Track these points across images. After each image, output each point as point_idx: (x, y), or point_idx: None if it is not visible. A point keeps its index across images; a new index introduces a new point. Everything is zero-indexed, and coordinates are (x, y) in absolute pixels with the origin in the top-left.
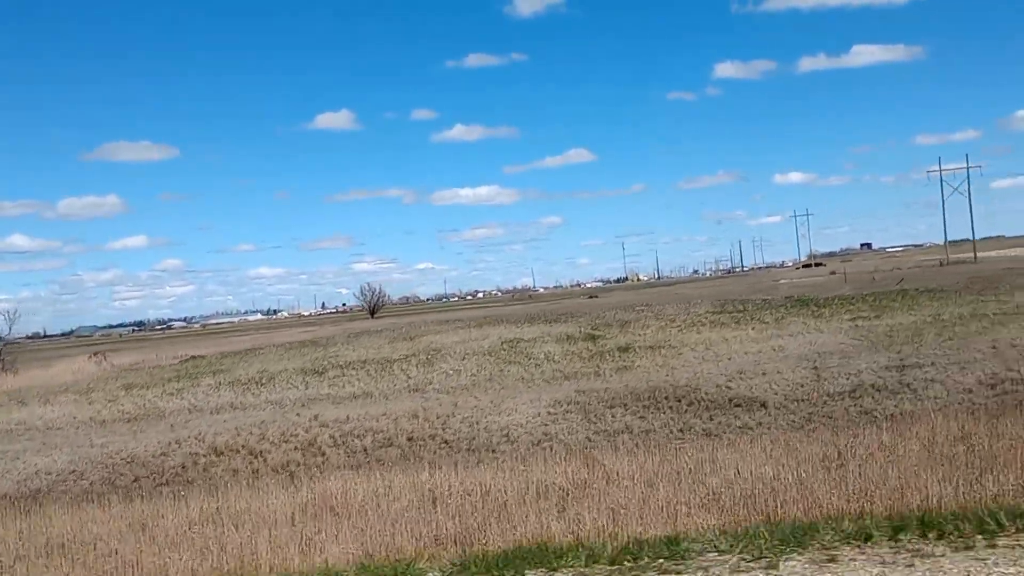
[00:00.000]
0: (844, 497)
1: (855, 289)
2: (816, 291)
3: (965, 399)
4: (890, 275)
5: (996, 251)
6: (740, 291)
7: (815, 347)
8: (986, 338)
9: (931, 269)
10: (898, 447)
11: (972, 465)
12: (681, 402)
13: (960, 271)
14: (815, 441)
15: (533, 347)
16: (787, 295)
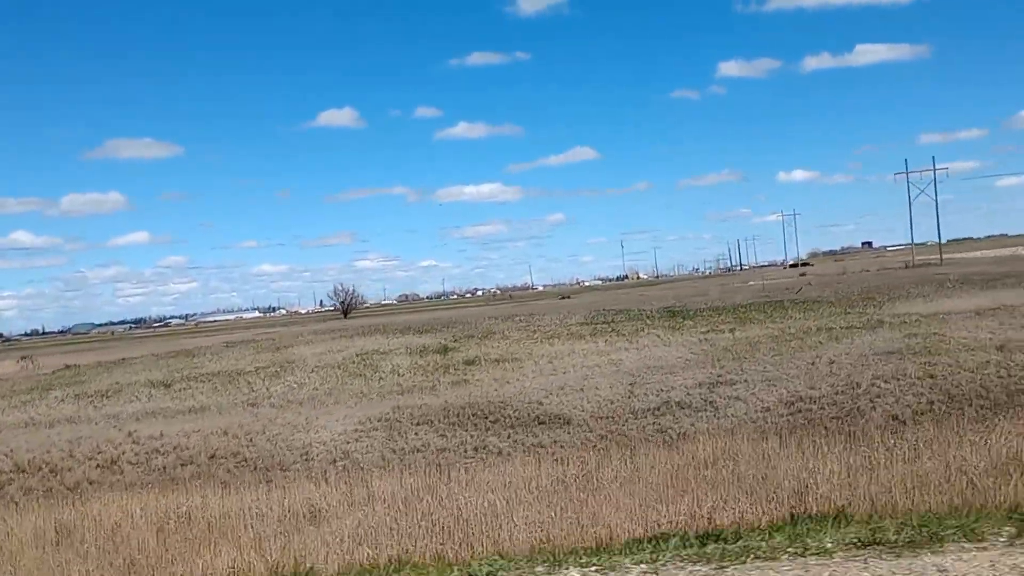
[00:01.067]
0: (578, 525)
1: (786, 294)
2: (754, 295)
3: (761, 418)
4: (850, 278)
5: (981, 251)
6: (687, 295)
7: (650, 361)
8: (812, 353)
9: (879, 273)
10: (647, 470)
11: (697, 490)
12: (487, 419)
13: (901, 275)
14: (577, 461)
15: (384, 360)
16: (665, 306)
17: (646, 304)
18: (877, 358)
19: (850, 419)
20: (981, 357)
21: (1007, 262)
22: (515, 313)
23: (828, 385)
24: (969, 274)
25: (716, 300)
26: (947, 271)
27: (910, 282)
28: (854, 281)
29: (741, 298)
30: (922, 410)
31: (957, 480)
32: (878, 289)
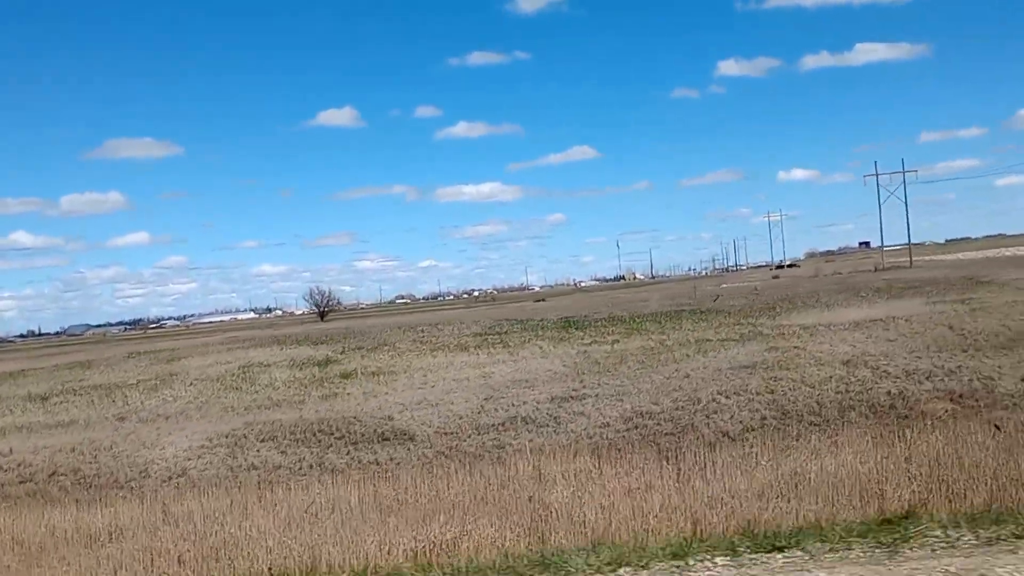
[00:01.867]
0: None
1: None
2: (669, 304)
3: (599, 433)
4: (811, 281)
5: (964, 253)
6: (636, 300)
7: (520, 375)
8: (674, 367)
9: (839, 277)
10: (441, 491)
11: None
12: (332, 436)
13: (852, 280)
14: (387, 480)
15: (264, 373)
16: (559, 316)
17: (604, 309)
18: (731, 372)
19: (683, 435)
20: (826, 372)
21: (972, 266)
22: (420, 323)
23: (671, 400)
24: (915, 280)
25: (651, 307)
26: (900, 276)
27: (834, 290)
28: (803, 286)
29: (656, 306)
30: (753, 426)
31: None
32: (797, 296)
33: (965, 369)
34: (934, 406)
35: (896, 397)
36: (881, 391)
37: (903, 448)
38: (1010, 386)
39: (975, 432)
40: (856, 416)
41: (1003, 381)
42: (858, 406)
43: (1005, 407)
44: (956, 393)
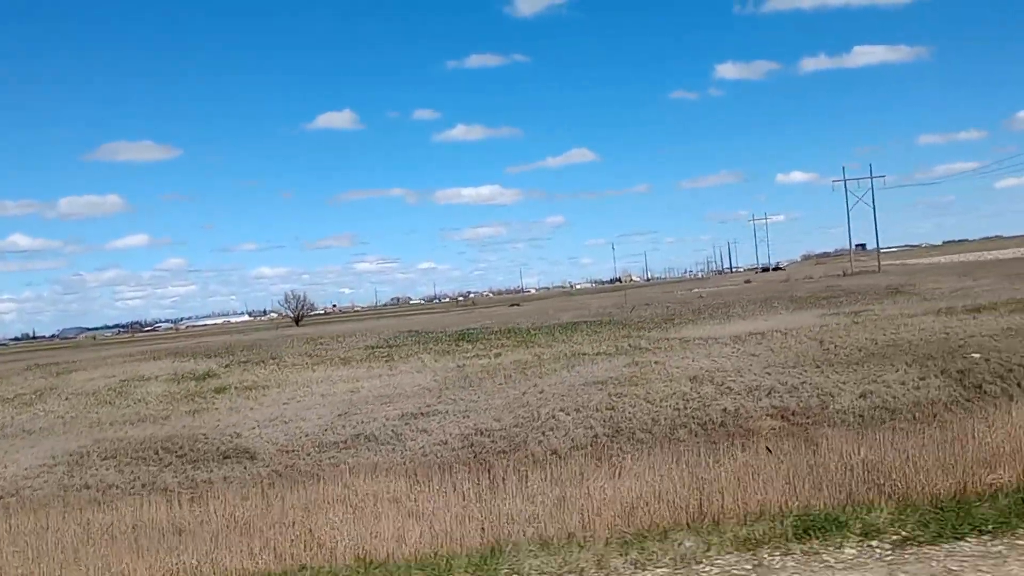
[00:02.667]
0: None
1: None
2: (586, 314)
3: (434, 452)
4: (780, 286)
5: (948, 256)
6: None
7: (387, 389)
8: (534, 381)
9: (806, 281)
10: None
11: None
12: (175, 454)
13: (794, 286)
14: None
15: (140, 387)
16: (488, 326)
17: (552, 316)
18: (583, 388)
19: (514, 453)
20: (672, 388)
21: (923, 272)
22: (353, 331)
23: (513, 417)
24: (845, 288)
25: (566, 317)
26: (840, 283)
27: (761, 299)
28: (749, 294)
29: (568, 317)
30: (584, 443)
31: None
32: (715, 307)
33: (808, 385)
34: (761, 424)
35: (729, 414)
36: (717, 408)
37: (682, 471)
38: (846, 403)
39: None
40: (685, 434)
41: (841, 398)
42: (690, 423)
43: (832, 423)
44: (789, 410)
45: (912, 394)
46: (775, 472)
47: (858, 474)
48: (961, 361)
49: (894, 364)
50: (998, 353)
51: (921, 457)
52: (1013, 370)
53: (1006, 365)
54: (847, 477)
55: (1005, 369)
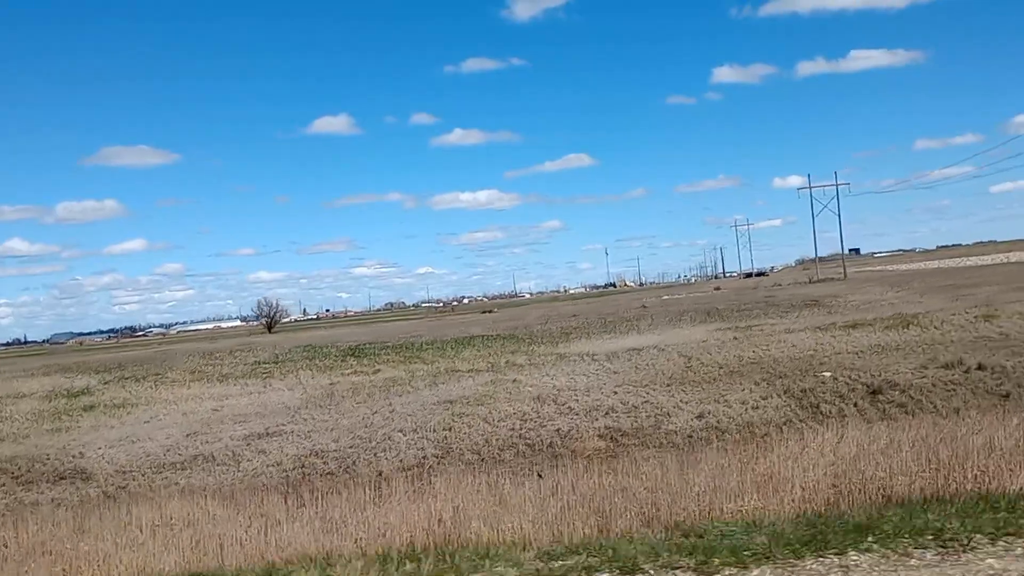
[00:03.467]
0: None
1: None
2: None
3: (267, 473)
4: (737, 295)
5: (926, 263)
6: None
7: (250, 408)
8: (392, 400)
9: (760, 290)
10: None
11: None
12: (10, 475)
13: (746, 296)
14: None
15: (12, 404)
16: (399, 340)
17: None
18: (433, 407)
19: (343, 474)
20: (515, 408)
21: (867, 281)
22: (223, 348)
23: (352, 438)
24: (768, 300)
25: (476, 330)
26: (778, 294)
27: (694, 309)
28: (691, 304)
29: (481, 330)
30: (412, 465)
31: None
32: (630, 319)
33: (650, 405)
34: (586, 445)
35: (561, 435)
36: (551, 429)
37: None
38: (680, 423)
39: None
40: (511, 455)
41: (678, 417)
42: (519, 444)
43: (660, 444)
44: (620, 431)
45: (748, 414)
46: (540, 500)
47: (613, 500)
48: (810, 379)
49: (744, 383)
50: (850, 371)
51: (679, 483)
52: (856, 389)
53: (851, 384)
54: (603, 504)
55: (848, 388)
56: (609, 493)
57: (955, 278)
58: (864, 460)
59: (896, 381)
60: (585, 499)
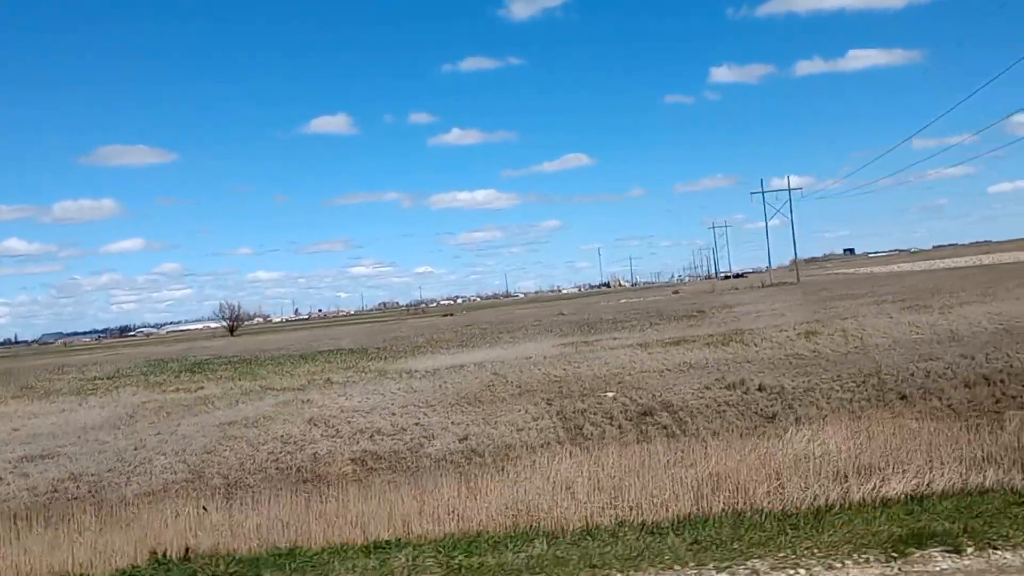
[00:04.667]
0: None
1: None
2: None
3: (24, 497)
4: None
5: (899, 265)
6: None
7: (57, 427)
8: (185, 421)
9: (688, 297)
10: None
11: None
12: None
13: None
14: None
15: None
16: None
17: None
18: (214, 427)
19: (92, 498)
20: (286, 430)
21: (811, 284)
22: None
23: (115, 461)
24: (672, 310)
25: (345, 343)
26: (673, 303)
27: (610, 319)
28: (610, 312)
29: (347, 343)
30: (157, 490)
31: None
32: (510, 331)
33: (419, 427)
34: (333, 469)
35: (315, 459)
36: (308, 453)
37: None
38: (440, 446)
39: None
40: (258, 480)
41: (439, 440)
42: (270, 469)
43: (407, 469)
44: (376, 455)
45: (511, 436)
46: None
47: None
48: (591, 400)
49: (526, 403)
50: (636, 391)
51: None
52: (628, 411)
53: (627, 406)
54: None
55: (622, 409)
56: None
57: (876, 284)
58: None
59: (672, 402)
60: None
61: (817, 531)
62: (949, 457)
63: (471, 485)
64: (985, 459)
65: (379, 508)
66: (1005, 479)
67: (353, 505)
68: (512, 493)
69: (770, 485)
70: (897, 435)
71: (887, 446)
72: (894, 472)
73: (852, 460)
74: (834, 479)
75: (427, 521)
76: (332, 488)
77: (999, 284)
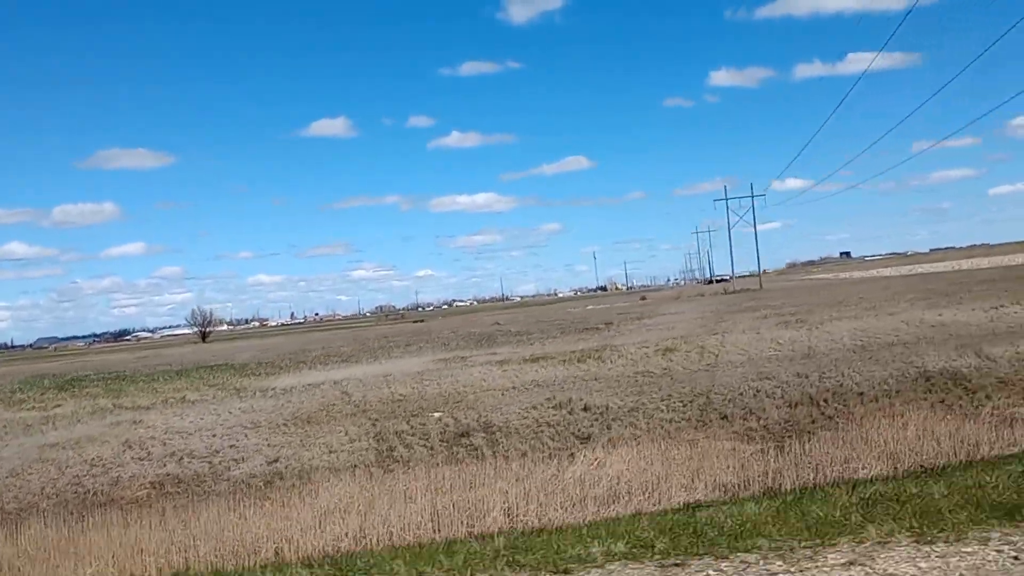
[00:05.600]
0: None
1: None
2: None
3: None
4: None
5: (877, 270)
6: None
7: None
8: (6, 443)
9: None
10: None
11: None
12: None
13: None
14: None
15: None
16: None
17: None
18: (37, 449)
19: None
20: (100, 452)
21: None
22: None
23: None
24: (603, 318)
25: (244, 357)
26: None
27: (481, 334)
28: (538, 320)
29: (248, 356)
30: None
31: None
32: (405, 344)
33: (234, 449)
34: (128, 493)
35: (113, 483)
36: (110, 476)
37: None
38: (247, 469)
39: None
40: (50, 504)
41: (248, 463)
42: (68, 492)
43: (206, 494)
44: (177, 478)
45: (323, 459)
46: None
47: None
48: (415, 421)
49: (351, 424)
50: (466, 411)
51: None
52: (445, 432)
53: (448, 427)
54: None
55: (441, 431)
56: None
57: (810, 294)
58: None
59: (494, 422)
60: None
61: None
62: (710, 477)
63: (239, 512)
64: (744, 483)
65: (125, 538)
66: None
67: (117, 534)
68: (277, 523)
69: (534, 507)
70: (694, 457)
71: (667, 469)
72: (652, 492)
73: (625, 483)
74: (595, 500)
75: (177, 552)
76: (116, 514)
77: (905, 296)
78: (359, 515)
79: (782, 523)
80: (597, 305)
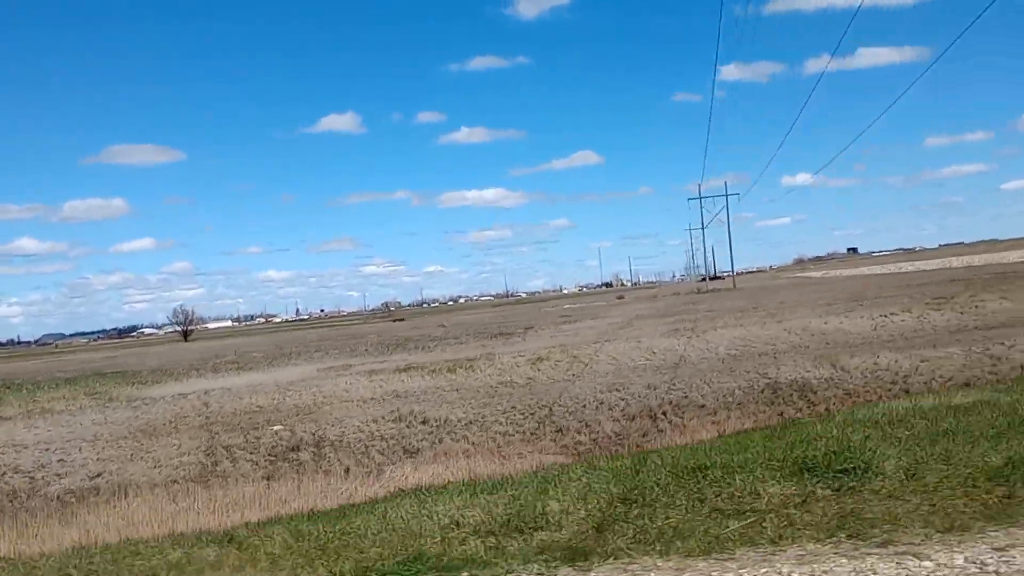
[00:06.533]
0: None
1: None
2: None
3: None
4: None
5: (849, 270)
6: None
7: None
8: None
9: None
10: None
11: None
12: None
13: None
14: None
15: None
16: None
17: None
18: None
19: None
20: None
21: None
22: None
23: None
24: (511, 326)
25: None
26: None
27: (419, 336)
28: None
29: (155, 361)
30: None
31: None
32: (331, 349)
33: (62, 463)
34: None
35: None
36: None
37: None
38: (68, 483)
39: None
40: None
41: (72, 477)
42: None
43: (18, 509)
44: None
45: (146, 473)
46: None
47: None
48: (255, 433)
49: (185, 437)
50: (309, 424)
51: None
52: (277, 446)
53: (283, 440)
54: None
55: (272, 444)
56: None
57: (775, 293)
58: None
59: (328, 436)
60: None
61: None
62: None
63: (24, 532)
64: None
65: None
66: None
67: None
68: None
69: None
70: (496, 473)
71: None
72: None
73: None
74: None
75: None
76: None
77: (829, 301)
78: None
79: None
80: (574, 304)
